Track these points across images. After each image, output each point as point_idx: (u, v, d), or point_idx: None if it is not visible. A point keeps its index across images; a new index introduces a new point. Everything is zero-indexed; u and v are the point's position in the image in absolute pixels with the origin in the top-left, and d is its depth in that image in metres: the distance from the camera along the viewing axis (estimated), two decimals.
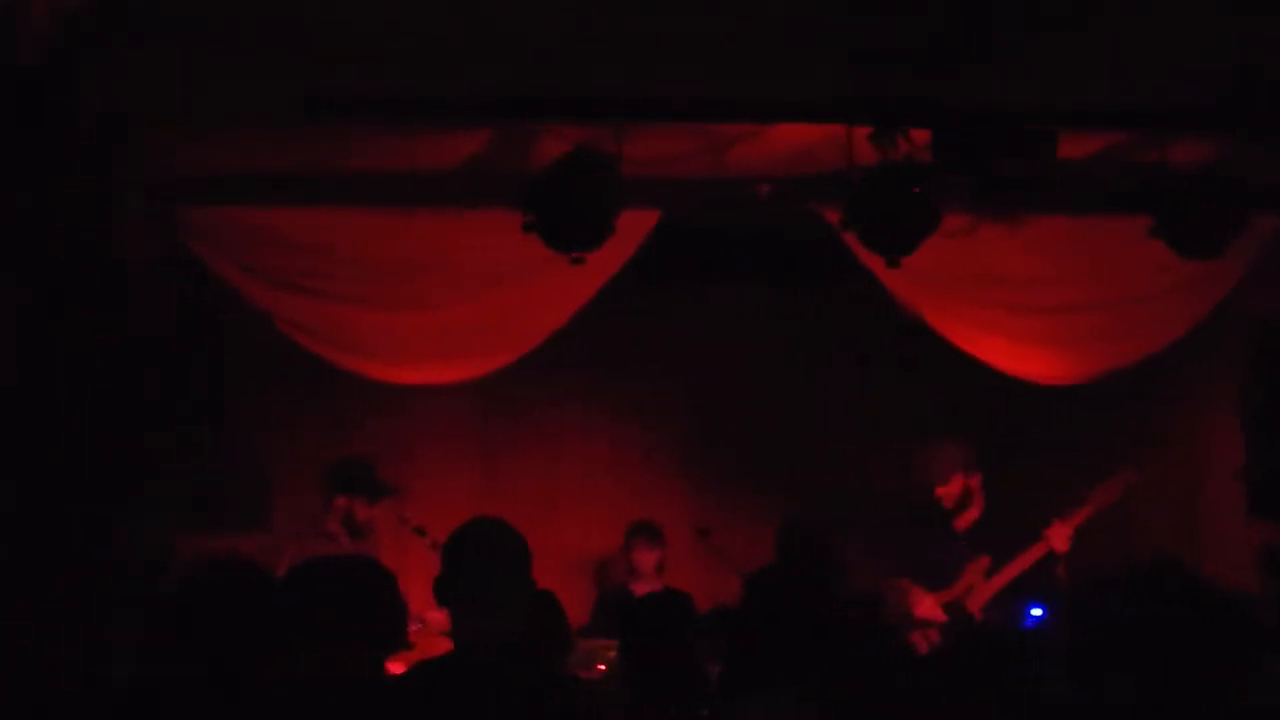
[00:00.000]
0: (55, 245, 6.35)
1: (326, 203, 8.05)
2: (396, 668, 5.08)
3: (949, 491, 8.66)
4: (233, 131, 7.20)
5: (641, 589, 9.26)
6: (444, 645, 7.07)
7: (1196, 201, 7.86)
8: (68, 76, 6.05)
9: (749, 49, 6.53)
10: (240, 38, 6.19)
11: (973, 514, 8.71)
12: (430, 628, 8.04)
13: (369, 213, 8.11)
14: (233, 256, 8.07)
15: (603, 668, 7.83)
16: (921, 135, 7.28)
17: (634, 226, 7.95)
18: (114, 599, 6.28)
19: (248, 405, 9.50)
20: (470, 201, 8.03)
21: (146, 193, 7.43)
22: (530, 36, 6.29)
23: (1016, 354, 8.74)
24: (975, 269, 8.46)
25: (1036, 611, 8.21)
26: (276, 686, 4.46)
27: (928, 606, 8.62)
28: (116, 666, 5.79)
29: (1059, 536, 8.38)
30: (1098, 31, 6.29)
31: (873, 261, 7.95)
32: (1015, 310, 8.67)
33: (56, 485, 6.29)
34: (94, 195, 6.53)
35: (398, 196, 8.05)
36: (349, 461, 8.76)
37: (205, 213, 8.01)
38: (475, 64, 6.56)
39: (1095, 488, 8.49)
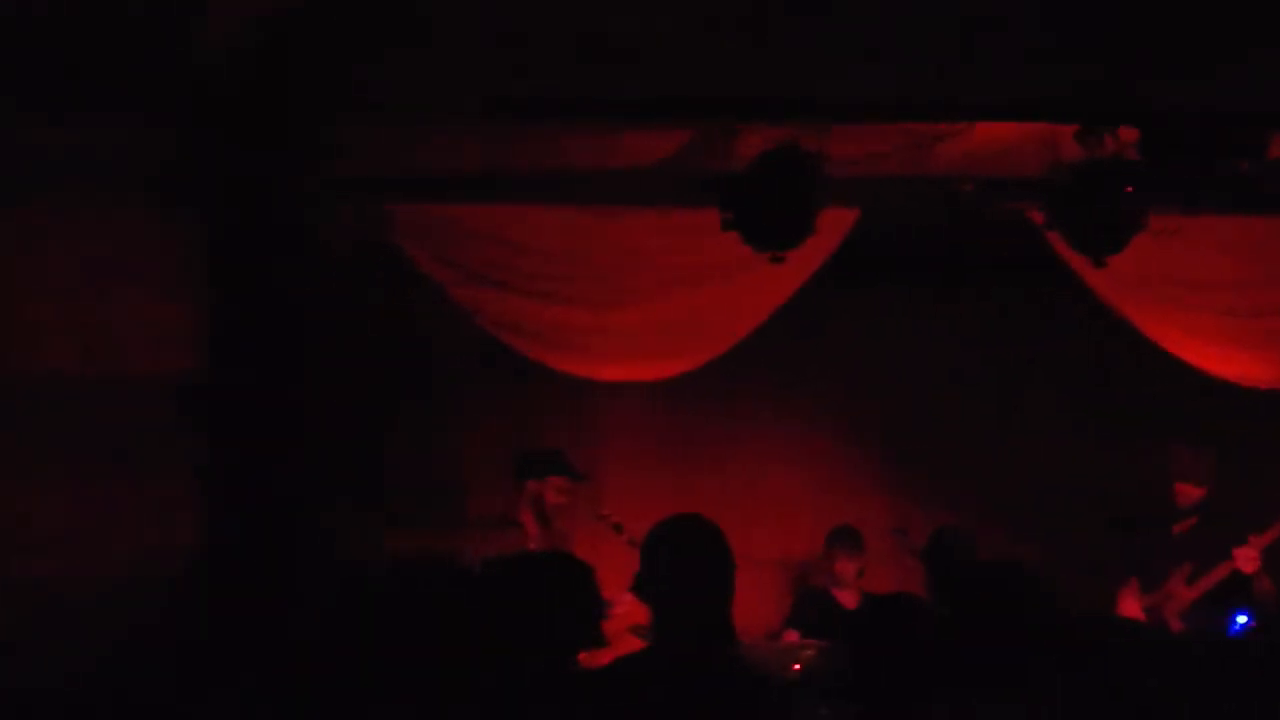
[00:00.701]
0: (258, 245, 6.47)
1: (531, 201, 8.12)
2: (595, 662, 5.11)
3: (1197, 494, 8.55)
4: (436, 129, 7.27)
5: (843, 595, 9.25)
6: (634, 643, 7.16)
7: None
8: (268, 74, 6.16)
9: (952, 47, 6.47)
10: (442, 34, 6.27)
11: (1193, 520, 8.60)
12: (617, 616, 8.08)
13: (573, 211, 8.18)
14: (440, 254, 8.17)
15: (798, 667, 7.84)
16: (1129, 133, 7.17)
17: (834, 225, 7.92)
18: (319, 599, 6.37)
19: (444, 405, 9.63)
20: (672, 200, 8.06)
21: (351, 190, 7.55)
22: (733, 34, 6.29)
23: (1224, 356, 8.58)
24: (1182, 270, 8.32)
25: (1241, 619, 8.08)
26: (473, 683, 4.52)
27: (1131, 607, 8.54)
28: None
29: (1245, 557, 8.25)
30: None
31: (1078, 262, 7.85)
32: (1220, 312, 8.51)
33: (261, 486, 6.40)
34: (296, 193, 6.63)
35: (601, 195, 8.11)
36: (539, 449, 8.85)
37: (413, 210, 8.11)
38: (678, 63, 6.57)
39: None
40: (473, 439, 9.77)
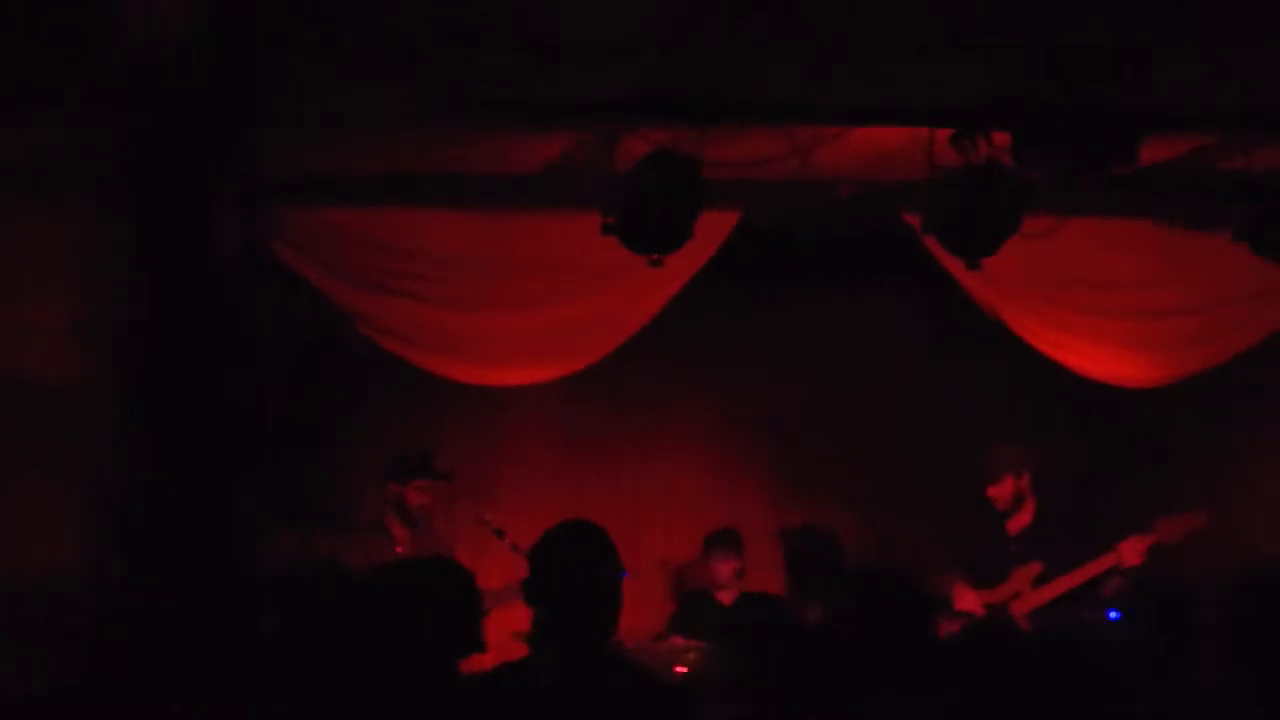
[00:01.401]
0: (156, 247, 6.42)
1: (413, 204, 8.11)
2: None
3: (1000, 493, 8.63)
4: (322, 133, 7.24)
5: (723, 596, 9.30)
6: (519, 649, 7.16)
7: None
8: (182, 76, 6.11)
9: (831, 51, 6.53)
10: (334, 41, 6.25)
11: (1023, 518, 8.67)
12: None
13: (454, 214, 8.18)
14: (319, 257, 8.14)
15: (682, 669, 7.87)
16: (1003, 138, 7.26)
17: (713, 228, 7.97)
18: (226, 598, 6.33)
19: (338, 409, 9.60)
20: (556, 204, 8.08)
21: (240, 193, 7.50)
22: (615, 39, 6.31)
23: (1096, 356, 8.71)
24: (1056, 271, 8.44)
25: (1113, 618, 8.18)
26: (353, 686, 4.52)
27: (968, 601, 8.61)
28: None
29: (1132, 550, 8.31)
30: (1182, 33, 6.25)
31: (952, 264, 7.93)
32: (1095, 312, 8.64)
33: (156, 486, 6.35)
34: (197, 197, 6.58)
35: (484, 198, 8.12)
36: (402, 452, 8.84)
37: (292, 213, 8.07)
38: (560, 66, 6.59)
39: (1164, 518, 8.39)
40: (365, 442, 9.73)
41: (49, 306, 6.03)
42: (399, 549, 8.48)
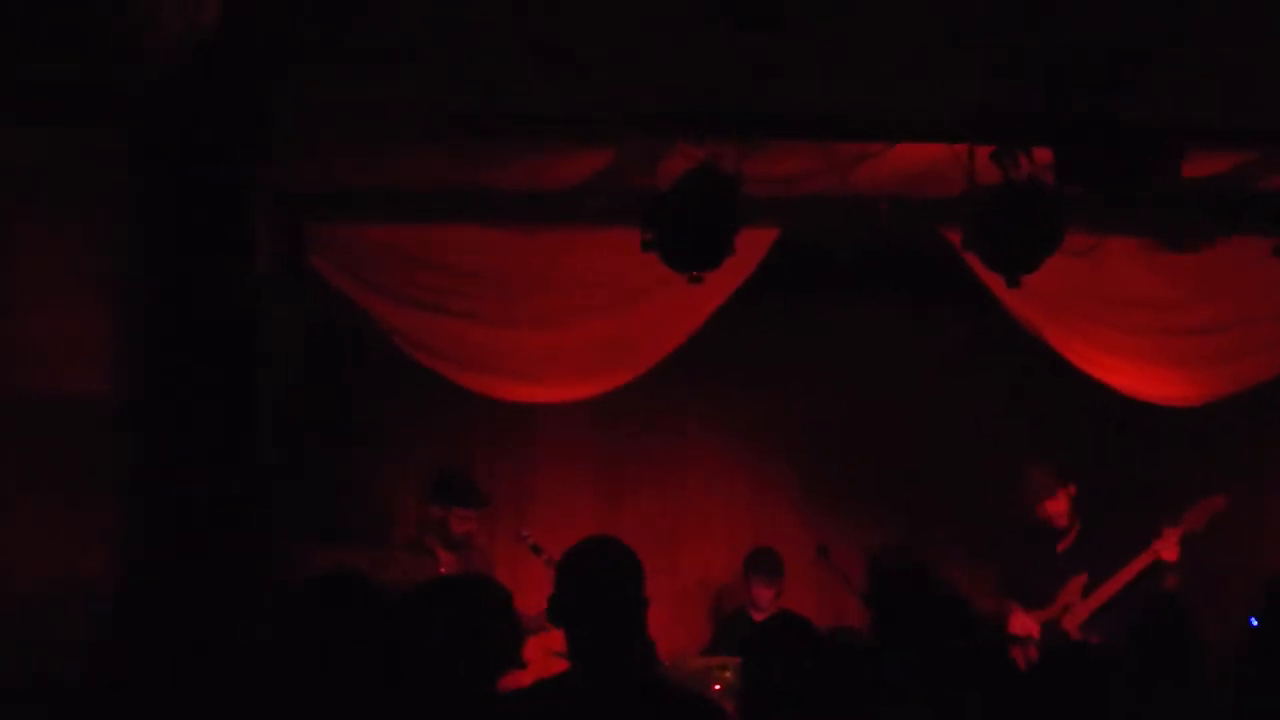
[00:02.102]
0: (190, 259, 6.43)
1: (452, 219, 8.11)
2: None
3: (1057, 508, 8.63)
4: (359, 147, 7.25)
5: (760, 616, 9.26)
6: (559, 665, 7.13)
7: None
8: (202, 92, 6.12)
9: (871, 68, 6.51)
10: (366, 55, 6.25)
11: (1072, 533, 8.69)
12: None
13: (494, 230, 8.17)
14: (357, 273, 8.14)
15: (718, 687, 7.83)
16: (1044, 154, 7.22)
17: (753, 245, 7.96)
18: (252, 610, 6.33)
19: (371, 423, 9.60)
20: (596, 219, 8.07)
21: (275, 208, 7.51)
22: (655, 53, 6.30)
23: (1136, 374, 8.66)
24: (1096, 289, 8.40)
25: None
26: (391, 707, 4.51)
27: (1022, 623, 8.60)
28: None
29: (1168, 545, 8.34)
30: (1225, 49, 6.21)
31: (993, 280, 7.89)
32: (1134, 330, 8.60)
33: (186, 495, 6.36)
34: (231, 210, 6.59)
35: (524, 213, 8.10)
36: (444, 471, 8.82)
37: (330, 229, 8.09)
38: (599, 80, 6.58)
39: (1189, 508, 8.47)
40: (400, 458, 9.73)
41: (67, 318, 6.05)
42: (443, 569, 8.45)
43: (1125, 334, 8.61)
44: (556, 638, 4.80)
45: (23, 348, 5.99)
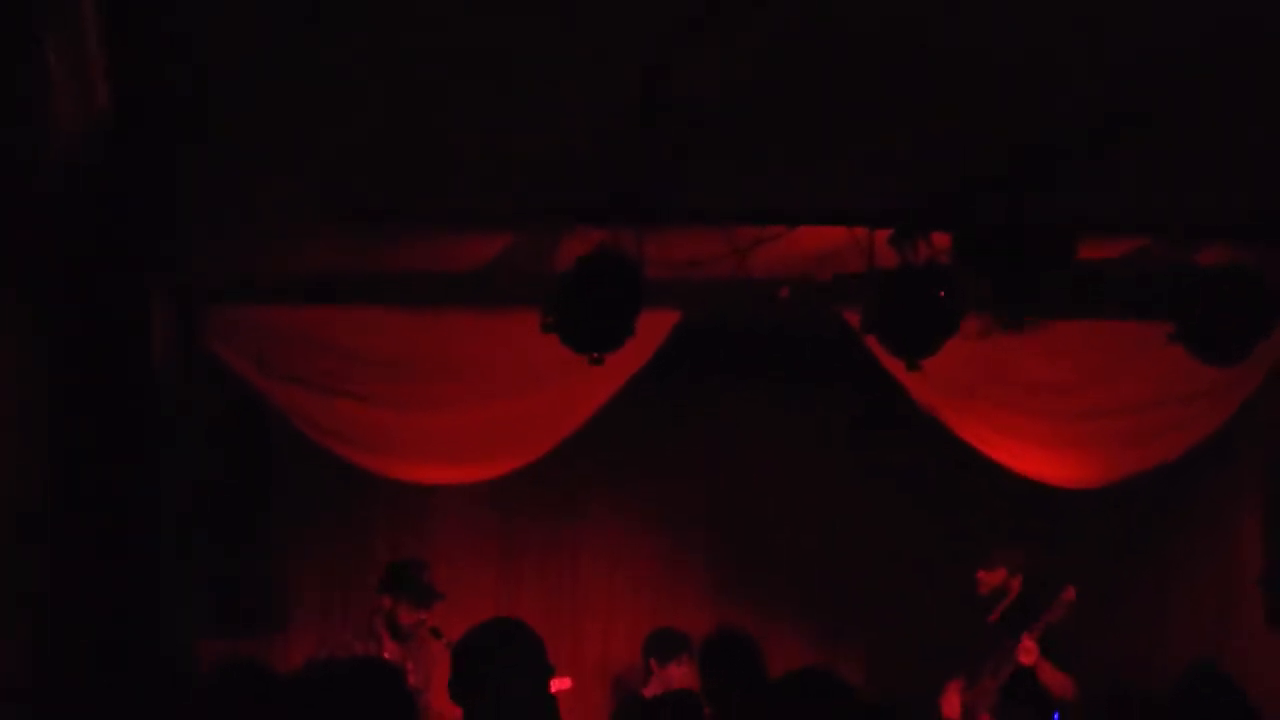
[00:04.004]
0: (86, 349, 6.34)
1: (354, 303, 8.07)
2: None
3: (993, 580, 8.68)
4: (257, 231, 7.21)
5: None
6: None
7: (1219, 306, 7.81)
8: (98, 178, 6.06)
9: (772, 152, 6.54)
10: (266, 141, 6.22)
11: (1001, 608, 8.74)
12: None
13: (395, 313, 8.13)
14: (255, 356, 8.07)
15: None
16: (942, 239, 7.28)
17: (654, 327, 7.95)
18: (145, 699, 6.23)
19: (267, 507, 9.49)
20: (498, 302, 8.06)
21: (176, 294, 7.45)
22: (556, 142, 6.31)
23: (1034, 457, 8.72)
24: (995, 372, 8.45)
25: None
26: None
27: (952, 705, 8.62)
28: None
29: (1024, 649, 8.39)
30: (1122, 138, 6.28)
31: (893, 364, 7.93)
32: (1034, 413, 8.65)
33: (85, 582, 6.26)
34: (127, 298, 6.52)
35: (426, 297, 8.08)
36: (400, 564, 8.78)
37: (229, 312, 8.02)
38: (498, 166, 6.58)
39: (1043, 610, 8.48)
40: (297, 537, 9.63)
41: None
42: (386, 655, 8.41)
43: (1025, 417, 8.67)
44: None
45: None
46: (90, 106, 5.32)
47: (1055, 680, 8.40)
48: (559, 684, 8.61)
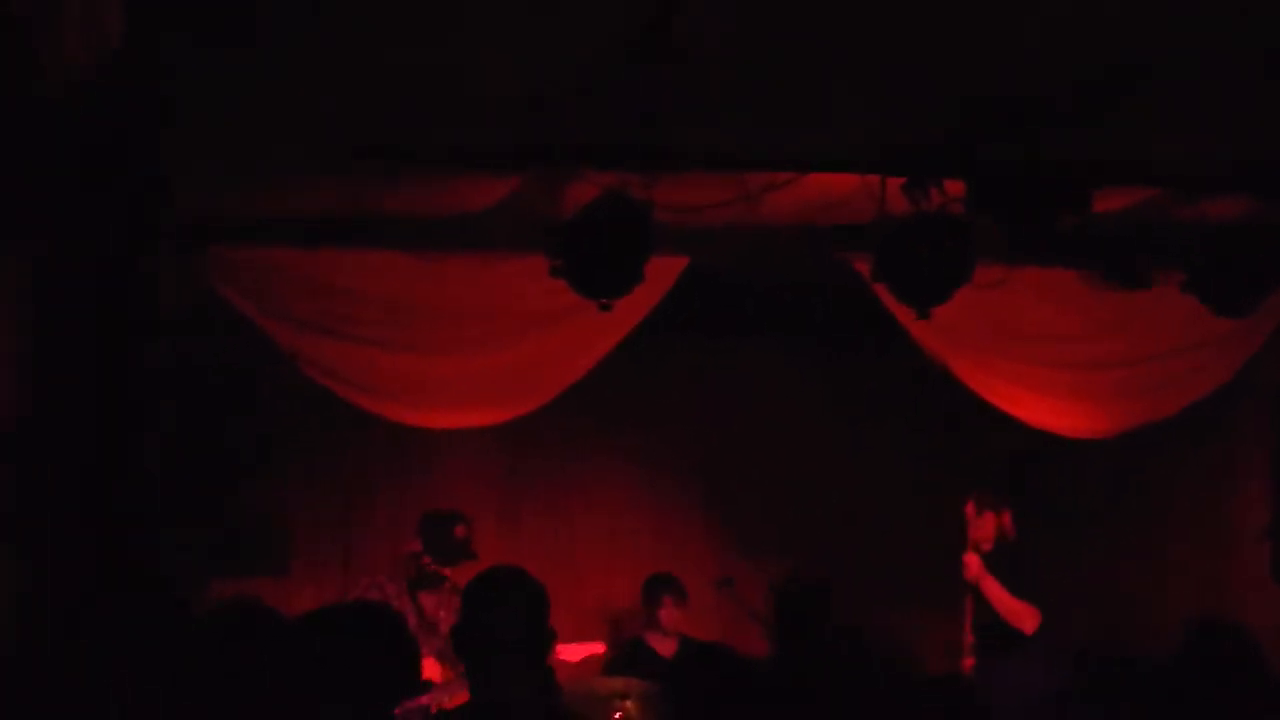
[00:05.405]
0: (85, 290, 6.29)
1: (358, 246, 8.02)
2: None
3: (983, 532, 8.64)
4: (265, 174, 7.15)
5: (660, 643, 9.21)
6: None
7: (1230, 258, 7.78)
8: (103, 116, 6.00)
9: (783, 98, 6.48)
10: (275, 81, 6.16)
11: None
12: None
13: (400, 256, 8.08)
14: (260, 297, 8.01)
15: (618, 716, 7.79)
16: (955, 186, 7.23)
17: (662, 273, 7.91)
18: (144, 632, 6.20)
19: (272, 450, 9.48)
20: (502, 247, 8.01)
21: (178, 235, 7.39)
22: (563, 82, 6.25)
23: (1043, 407, 8.70)
24: (1005, 322, 8.43)
25: None
26: None
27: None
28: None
29: (965, 564, 8.46)
30: (1138, 87, 6.22)
31: (901, 312, 7.89)
32: (1043, 364, 8.64)
33: (85, 527, 6.22)
34: (129, 239, 6.46)
35: (430, 241, 8.03)
36: (433, 514, 8.84)
37: (235, 254, 7.96)
38: (507, 109, 6.52)
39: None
40: (303, 486, 9.64)
41: None
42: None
43: (1034, 367, 8.65)
44: None
45: None
46: (101, 41, 5.25)
47: (999, 600, 8.32)
48: (592, 648, 8.71)
